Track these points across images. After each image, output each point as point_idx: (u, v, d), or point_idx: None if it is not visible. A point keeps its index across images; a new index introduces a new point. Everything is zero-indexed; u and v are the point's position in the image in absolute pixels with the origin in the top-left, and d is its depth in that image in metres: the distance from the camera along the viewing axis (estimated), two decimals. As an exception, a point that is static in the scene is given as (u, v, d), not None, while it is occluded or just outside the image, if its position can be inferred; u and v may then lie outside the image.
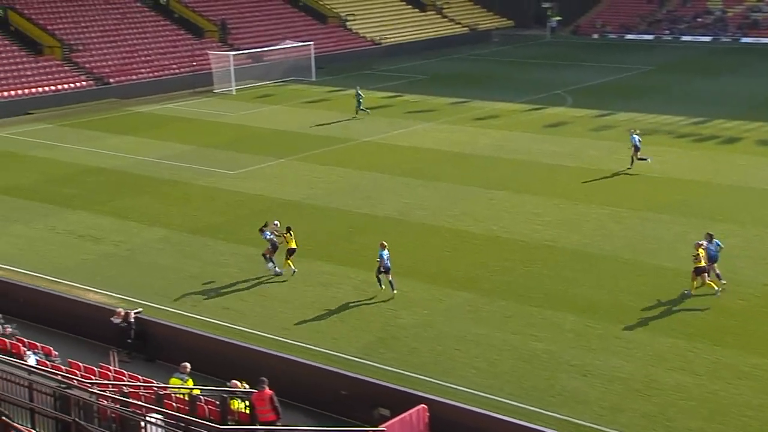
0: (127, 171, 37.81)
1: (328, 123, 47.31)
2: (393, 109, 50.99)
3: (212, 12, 68.34)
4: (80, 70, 56.23)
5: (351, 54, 70.42)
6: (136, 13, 64.30)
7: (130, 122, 48.61)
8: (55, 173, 37.79)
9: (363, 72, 65.01)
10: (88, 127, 47.24)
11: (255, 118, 49.13)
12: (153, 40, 62.04)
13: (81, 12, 61.82)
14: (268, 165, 38.70)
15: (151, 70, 58.58)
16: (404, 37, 76.26)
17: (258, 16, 70.86)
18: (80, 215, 31.93)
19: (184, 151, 41.37)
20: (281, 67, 62.45)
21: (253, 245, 28.39)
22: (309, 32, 70.44)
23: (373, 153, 40.68)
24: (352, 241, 28.93)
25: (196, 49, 61.44)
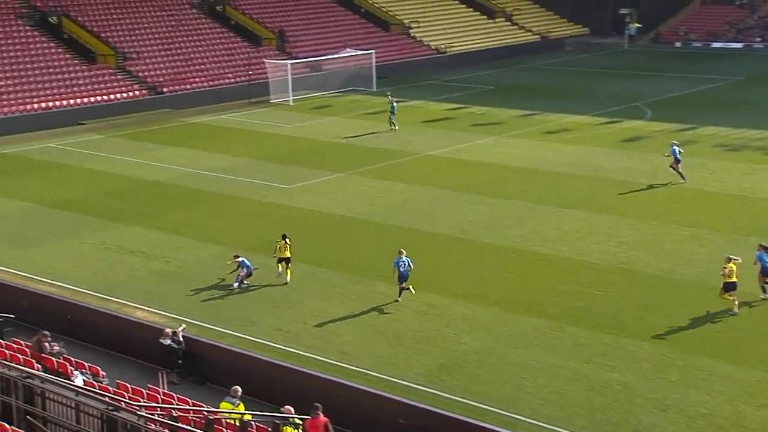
0: (180, 184, 38.47)
1: (389, 136, 47.50)
2: (457, 122, 50.98)
3: (270, 19, 69.34)
4: (133, 79, 57.52)
5: (414, 63, 70.69)
6: (192, 20, 65.58)
7: (184, 133, 49.52)
8: (106, 186, 38.66)
9: (426, 82, 65.15)
10: (140, 139, 48.26)
11: (312, 129, 49.61)
12: (208, 48, 63.18)
13: (136, 19, 63.31)
14: (326, 179, 39.00)
15: (205, 80, 59.63)
16: (470, 45, 76.28)
17: (317, 23, 71.66)
18: (131, 230, 32.60)
19: (238, 164, 41.94)
20: (341, 76, 62.98)
21: (310, 263, 28.60)
22: (370, 40, 70.92)
23: (436, 168, 40.70)
24: (412, 259, 28.90)
25: (253, 57, 62.34)
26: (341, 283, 27.26)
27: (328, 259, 29.09)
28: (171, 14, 65.19)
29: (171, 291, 26.89)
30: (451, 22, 79.15)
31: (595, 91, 60.23)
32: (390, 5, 77.91)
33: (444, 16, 80.00)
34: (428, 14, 79.25)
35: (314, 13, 73.07)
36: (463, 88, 62.65)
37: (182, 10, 66.32)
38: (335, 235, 31.48)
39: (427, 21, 77.95)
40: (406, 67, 69.47)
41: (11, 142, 47.37)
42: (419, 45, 74.08)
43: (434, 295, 26.17)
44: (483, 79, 66.47)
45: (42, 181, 39.68)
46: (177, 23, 64.46)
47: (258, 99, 58.58)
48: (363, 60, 63.35)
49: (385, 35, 73.37)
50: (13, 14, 58.94)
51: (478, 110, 54.28)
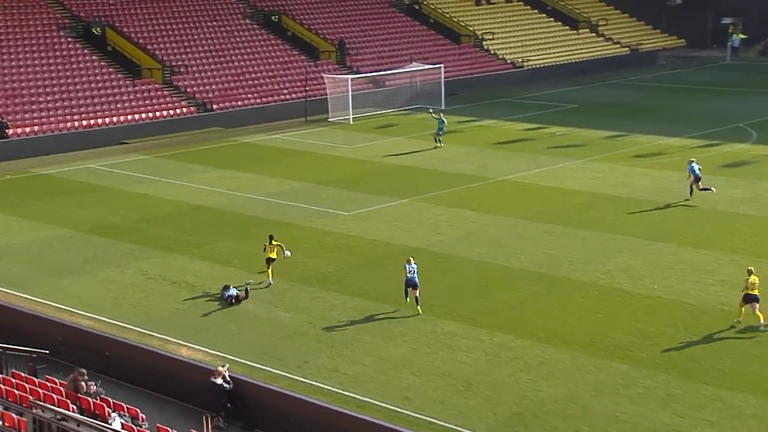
0: (229, 210, 38.93)
1: (459, 158, 47.51)
2: (535, 144, 50.78)
3: (330, 30, 70.17)
4: (181, 95, 58.60)
5: (487, 78, 70.82)
6: (245, 32, 66.69)
7: (234, 154, 50.18)
8: (149, 211, 39.32)
9: (500, 99, 65.11)
10: (187, 160, 49.04)
11: (374, 151, 49.88)
12: (262, 61, 64.12)
13: (184, 30, 64.61)
14: (389, 205, 39.11)
15: (258, 96, 60.46)
16: (551, 59, 76.20)
17: (381, 35, 72.31)
18: (176, 259, 33.05)
19: (293, 189, 42.32)
20: (406, 93, 63.32)
21: (369, 298, 28.65)
22: (439, 53, 71.28)
23: (511, 194, 40.57)
24: (483, 296, 28.82)
25: (311, 72, 63.14)
26: (404, 321, 27.23)
27: (390, 294, 29.09)
28: (222, 25, 66.37)
29: (218, 326, 27.15)
30: (529, 34, 79.20)
31: (691, 110, 59.46)
32: (461, 15, 78.30)
33: (521, 26, 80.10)
34: (504, 25, 79.44)
35: (378, 23, 73.77)
36: (542, 106, 62.41)
37: (235, 21, 67.50)
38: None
39: (503, 32, 78.12)
40: (479, 83, 69.60)
41: (49, 163, 48.54)
42: (493, 59, 74.18)
43: (508, 335, 25.98)
44: (564, 96, 66.15)
45: (80, 205, 40.53)
46: (229, 35, 65.60)
47: (315, 117, 59.15)
48: (431, 75, 63.63)
49: (455, 48, 73.66)
50: (54, 25, 60.60)
51: (559, 131, 54.00)
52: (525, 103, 63.45)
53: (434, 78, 63.23)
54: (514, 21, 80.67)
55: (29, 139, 51.10)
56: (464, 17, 78.02)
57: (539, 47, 77.47)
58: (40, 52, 57.71)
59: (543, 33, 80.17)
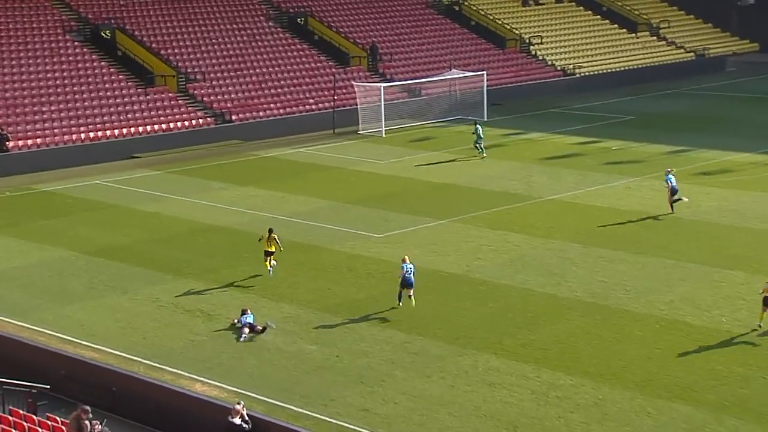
0: (249, 231, 39.01)
1: (502, 175, 47.45)
2: (587, 159, 50.63)
3: (361, 34, 70.45)
4: (197, 105, 58.99)
5: (534, 87, 70.76)
6: (267, 35, 67.10)
7: (255, 170, 50.39)
8: (161, 231, 39.54)
9: (549, 110, 64.98)
10: (203, 176, 49.28)
11: (409, 167, 49.91)
12: (286, 68, 64.44)
13: (202, 34, 65.05)
14: (424, 227, 39.10)
15: (282, 106, 60.74)
16: (606, 65, 76.03)
17: (417, 39, 72.50)
18: (190, 284, 33.18)
19: (319, 208, 42.41)
20: (444, 103, 63.37)
21: (402, 330, 28.60)
22: (482, 59, 71.32)
23: (560, 215, 40.43)
24: (529, 328, 28.69)
25: (339, 79, 63.35)
26: (441, 356, 27.15)
27: (425, 326, 29.03)
28: (243, 28, 66.81)
29: (236, 360, 27.20)
30: (581, 37, 79.12)
31: (763, 122, 58.97)
32: (507, 17, 78.40)
33: (573, 29, 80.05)
34: (553, 28, 79.43)
35: (414, 26, 73.98)
36: (595, 117, 62.17)
37: (256, 23, 67.95)
38: (434, 296, 31.42)
39: (552, 36, 78.10)
40: (525, 92, 69.55)
41: (53, 179, 48.96)
42: (541, 65, 74.12)
43: (557, 373, 25.81)
44: (621, 106, 65.88)
45: (86, 224, 40.84)
46: (250, 39, 66.04)
47: (344, 129, 59.30)
48: (472, 83, 63.66)
49: (499, 54, 73.69)
50: (60, 28, 61.27)
51: (614, 145, 53.82)
52: (576, 115, 63.25)
53: (476, 86, 63.21)
54: (565, 23, 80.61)
55: (31, 152, 51.60)
56: (510, 19, 78.09)
57: (593, 52, 77.30)
58: (44, 57, 58.35)
59: (597, 36, 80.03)
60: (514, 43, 74.99)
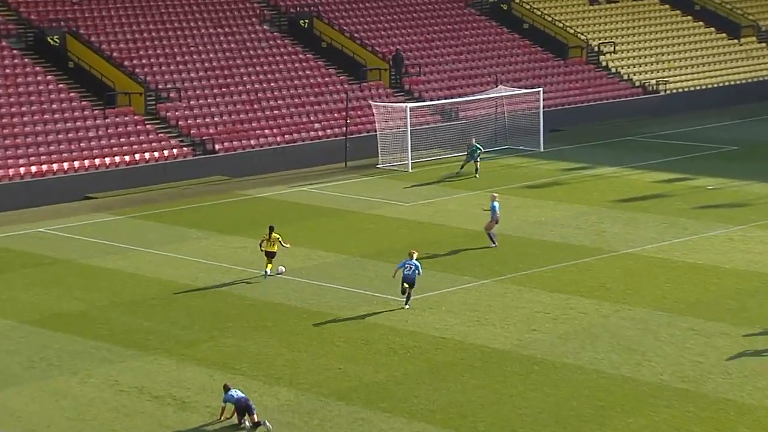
0: (237, 293, 38.86)
1: (564, 221, 47.28)
2: (675, 202, 50.46)
3: (381, 39, 70.66)
4: (170, 131, 59.11)
5: (606, 108, 70.77)
6: (260, 42, 67.14)
7: (244, 214, 50.39)
8: (123, 294, 39.38)
9: (625, 138, 64.82)
10: (177, 221, 49.22)
11: (442, 211, 49.88)
12: (285, 83, 64.51)
13: (176, 40, 65.17)
14: (462, 288, 38.94)
15: (279, 132, 60.78)
16: (699, 80, 76.06)
17: (453, 46, 72.69)
18: (159, 363, 33.00)
19: (327, 263, 42.30)
20: (488, 128, 63.28)
21: (435, 422, 28.39)
22: (537, 73, 71.42)
23: (639, 274, 40.21)
24: (600, 422, 28.47)
25: (354, 98, 63.42)
26: (485, 456, 26.93)
27: (464, 417, 28.81)
28: (230, 33, 66.97)
29: (216, 460, 27.01)
30: (667, 44, 79.22)
31: None
32: (569, 18, 78.55)
33: (656, 34, 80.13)
34: (630, 32, 79.54)
35: (449, 30, 74.16)
36: (685, 147, 62.00)
37: (248, 27, 68.16)
38: (475, 379, 31.21)
39: (629, 42, 78.21)
40: (594, 115, 69.50)
41: (-16, 225, 49.11)
42: (614, 80, 74.14)
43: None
44: (718, 133, 65.72)
45: (27, 285, 40.72)
46: (239, 46, 66.25)
47: (359, 162, 59.19)
48: (524, 103, 63.67)
49: (560, 65, 73.85)
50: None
51: (710, 183, 53.66)
52: (660, 144, 63.04)
53: (529, 108, 63.24)
54: (646, 26, 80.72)
55: (-44, 191, 51.75)
56: (573, 21, 78.26)
57: (682, 63, 77.36)
58: (-25, 70, 58.63)
59: (688, 43, 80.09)
60: (579, 51, 75.05)
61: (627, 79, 74.33)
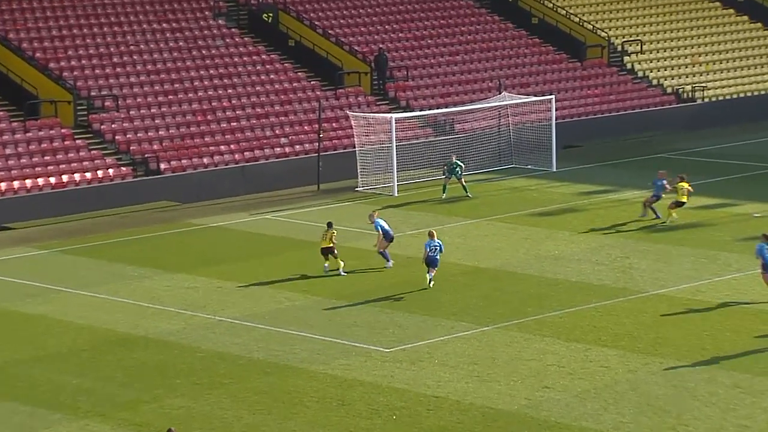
0: (186, 343, 38.75)
1: (582, 256, 47.35)
2: (714, 232, 50.72)
3: (360, 37, 70.80)
4: (106, 147, 59.12)
5: (632, 119, 70.99)
6: (213, 39, 67.23)
7: (195, 247, 50.46)
8: (48, 345, 39.15)
9: (654, 155, 64.90)
10: (113, 257, 49.14)
11: (436, 243, 49.98)
12: (244, 90, 64.66)
13: (112, 38, 65.18)
14: (459, 336, 38.88)
15: (238, 148, 60.80)
16: (743, 85, 76.38)
17: (448, 44, 72.80)
18: (92, 429, 32.72)
19: (297, 306, 42.19)
20: (490, 143, 63.34)
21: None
22: (549, 77, 71.79)
23: (673, 320, 40.19)
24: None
25: (328, 107, 63.41)
26: None
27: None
28: (177, 29, 67.24)
29: None
30: (704, 43, 79.55)
31: None
32: (587, 12, 78.83)
33: (691, 30, 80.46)
34: (660, 28, 79.91)
35: (444, 26, 74.45)
36: (727, 167, 62.31)
37: (199, 23, 68.40)
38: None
39: (659, 40, 78.52)
40: (617, 128, 69.69)
41: None
42: (641, 85, 74.44)
43: None
44: (767, 149, 65.89)
45: (-70, 333, 40.69)
46: (188, 45, 66.49)
47: (335, 185, 59.15)
48: (533, 113, 63.74)
49: (576, 67, 74.12)
50: None
51: (757, 210, 53.84)
52: (697, 163, 63.21)
53: (539, 119, 63.37)
54: (680, 21, 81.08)
55: None
56: (592, 15, 78.60)
57: (723, 66, 77.67)
58: None
59: (731, 41, 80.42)
60: (599, 51, 75.33)
61: (657, 84, 74.53)
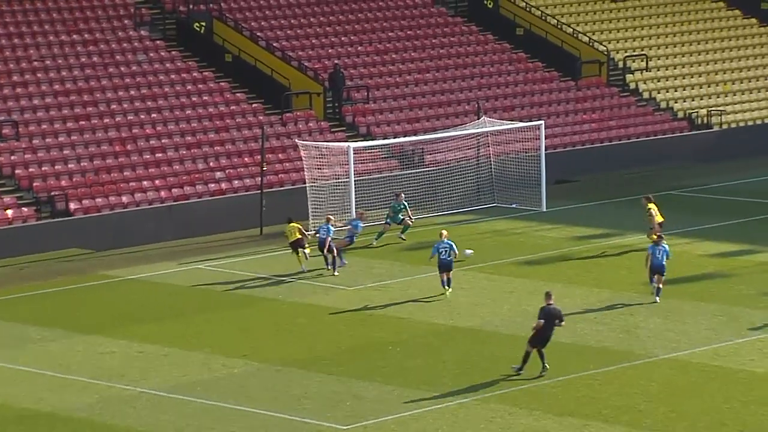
0: (99, 422, 38.48)
1: (576, 313, 47.20)
2: (734, 284, 51.07)
3: (312, 51, 71.12)
4: (3, 183, 59.03)
5: (637, 149, 71.47)
6: (137, 54, 67.27)
7: (109, 304, 50.30)
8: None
9: (661, 192, 64.91)
10: (12, 315, 49.00)
11: (401, 296, 49.97)
12: (172, 114, 64.81)
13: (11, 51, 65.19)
14: (430, 410, 38.82)
15: (165, 184, 60.79)
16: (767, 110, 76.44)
17: (416, 58, 73.32)
18: None
19: (236, 376, 42.07)
20: (468, 178, 63.47)
21: None
22: (537, 99, 72.30)
23: (686, 390, 40.40)
24: None
25: (273, 134, 63.34)
26: None
27: None
28: (90, 40, 67.35)
29: None
30: (722, 59, 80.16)
31: None
32: (579, 20, 79.35)
33: (706, 44, 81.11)
34: (669, 41, 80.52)
35: (410, 37, 75.01)
36: (751, 206, 62.90)
37: (117, 34, 68.64)
38: None
39: (667, 56, 79.05)
40: (618, 159, 70.10)
41: None
42: (647, 109, 75.00)
43: None
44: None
45: None
46: (103, 60, 66.67)
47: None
48: (519, 142, 63.90)
49: (569, 87, 74.46)
50: None
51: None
52: (714, 202, 63.72)
53: (526, 148, 63.42)
54: (692, 33, 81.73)
55: None
56: (588, 25, 79.16)
57: (744, 86, 78.21)
58: None
59: (753, 56, 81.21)
60: (597, 68, 75.72)
61: (666, 107, 74.93)
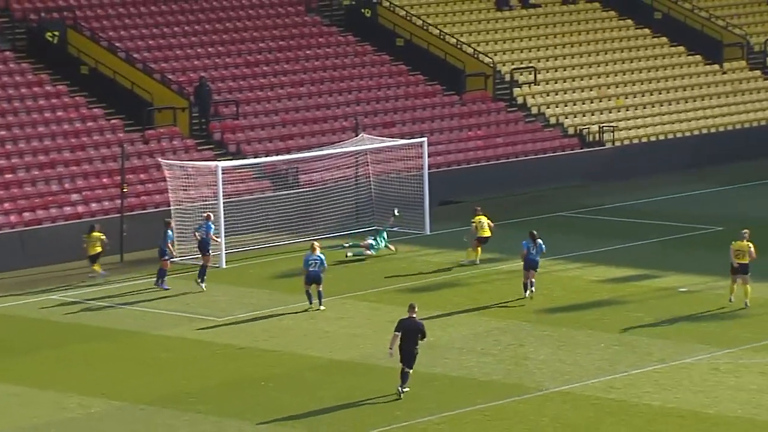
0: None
1: (462, 344, 47.53)
2: (630, 312, 51.41)
3: (176, 63, 71.04)
4: None
5: (524, 168, 71.60)
6: None
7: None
8: None
9: (554, 214, 65.38)
10: None
11: (276, 327, 50.10)
12: (22, 130, 64.58)
13: None
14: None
15: (12, 208, 60.35)
16: (663, 125, 77.67)
17: (289, 71, 73.23)
18: None
19: (93, 416, 41.79)
20: (346, 201, 63.60)
21: None
22: (419, 114, 72.51)
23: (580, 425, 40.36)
24: None
25: (134, 153, 63.13)
26: None
27: None
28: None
29: None
30: (614, 71, 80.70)
31: None
32: (463, 30, 79.51)
33: (597, 56, 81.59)
34: (559, 53, 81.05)
35: (282, 48, 75.05)
36: (647, 228, 63.22)
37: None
38: None
39: (556, 68, 79.61)
40: (505, 179, 70.25)
41: None
42: (536, 125, 75.22)
43: None
44: (695, 206, 67.10)
45: None
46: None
47: (142, 254, 58.94)
48: (400, 161, 64.02)
49: (453, 101, 74.71)
50: None
51: (683, 284, 54.46)
52: (607, 223, 64.05)
53: (408, 167, 63.57)
54: (583, 43, 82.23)
55: None
56: (473, 36, 79.33)
57: (638, 101, 78.79)
58: None
59: (647, 69, 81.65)
60: (482, 81, 75.92)
61: (555, 123, 75.26)
